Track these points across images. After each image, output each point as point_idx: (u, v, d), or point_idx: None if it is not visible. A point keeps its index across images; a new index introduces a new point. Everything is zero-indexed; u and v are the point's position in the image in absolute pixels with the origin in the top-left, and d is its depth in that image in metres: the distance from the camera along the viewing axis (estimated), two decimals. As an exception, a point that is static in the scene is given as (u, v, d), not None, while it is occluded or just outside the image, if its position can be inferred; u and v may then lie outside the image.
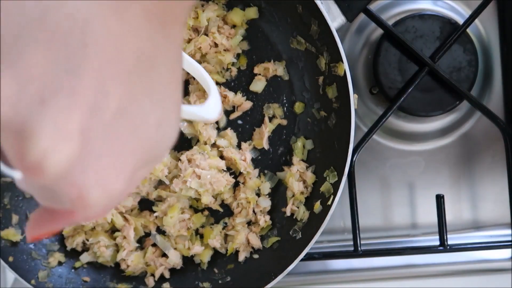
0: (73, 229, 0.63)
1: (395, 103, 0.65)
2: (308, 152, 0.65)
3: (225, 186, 0.63)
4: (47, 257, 0.63)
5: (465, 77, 0.68)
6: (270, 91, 0.66)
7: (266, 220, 0.64)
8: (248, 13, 0.64)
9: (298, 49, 0.64)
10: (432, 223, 0.66)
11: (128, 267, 0.64)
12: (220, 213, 0.65)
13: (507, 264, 0.71)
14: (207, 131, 0.63)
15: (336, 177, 0.60)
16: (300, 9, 0.60)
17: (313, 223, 0.60)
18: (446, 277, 0.71)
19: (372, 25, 0.70)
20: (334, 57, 0.59)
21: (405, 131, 0.72)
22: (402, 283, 0.71)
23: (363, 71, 0.71)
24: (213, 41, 0.64)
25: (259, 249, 0.64)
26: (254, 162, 0.65)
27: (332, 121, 0.62)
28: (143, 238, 0.65)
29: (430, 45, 0.67)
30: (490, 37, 0.71)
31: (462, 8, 0.71)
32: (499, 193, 0.71)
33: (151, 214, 0.64)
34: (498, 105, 0.71)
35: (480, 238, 0.71)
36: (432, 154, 0.72)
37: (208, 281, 0.63)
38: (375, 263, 0.71)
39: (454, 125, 0.72)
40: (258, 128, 0.66)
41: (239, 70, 0.66)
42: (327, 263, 0.71)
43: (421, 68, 0.66)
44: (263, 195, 0.65)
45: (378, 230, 0.72)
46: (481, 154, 0.72)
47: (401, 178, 0.72)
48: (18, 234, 0.63)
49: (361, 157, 0.69)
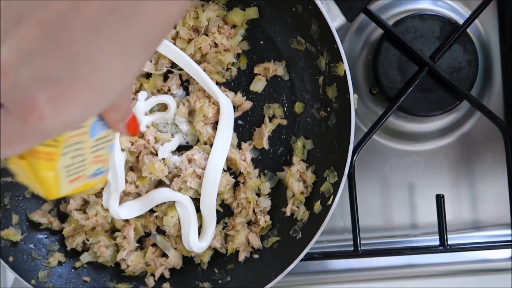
0: (73, 229, 0.63)
1: (395, 103, 0.65)
2: (308, 152, 0.65)
3: (225, 186, 0.63)
4: (47, 257, 0.63)
5: (465, 77, 0.68)
6: (270, 91, 0.66)
7: (266, 220, 0.64)
8: (248, 13, 0.64)
9: (298, 49, 0.64)
10: (432, 223, 0.66)
11: (128, 267, 0.64)
12: (220, 213, 0.65)
13: (507, 264, 0.71)
14: (207, 131, 0.63)
15: (336, 177, 0.60)
16: (300, 9, 0.60)
17: (313, 223, 0.60)
18: (446, 277, 0.71)
19: (372, 25, 0.70)
20: (334, 57, 0.59)
21: (405, 131, 0.72)
22: (402, 283, 0.71)
23: (363, 71, 0.71)
24: (213, 41, 0.64)
25: (259, 249, 0.64)
26: (254, 162, 0.65)
27: (332, 121, 0.62)
28: (143, 238, 0.65)
29: (430, 45, 0.67)
30: (490, 37, 0.71)
31: (462, 8, 0.71)
32: (499, 193, 0.71)
33: (151, 214, 0.64)
34: (498, 105, 0.71)
35: (480, 238, 0.71)
36: (432, 154, 0.72)
37: (208, 281, 0.63)
38: (375, 263, 0.71)
39: (454, 125, 0.72)
40: (258, 128, 0.66)
41: (239, 70, 0.66)
42: (327, 263, 0.71)
43: (421, 68, 0.66)
44: (263, 195, 0.65)
45: (378, 230, 0.72)
46: (481, 154, 0.72)
47: (401, 178, 0.72)
48: (18, 234, 0.63)
49: (361, 157, 0.69)
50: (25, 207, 0.64)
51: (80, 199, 0.63)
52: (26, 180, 0.37)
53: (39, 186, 0.37)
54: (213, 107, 0.63)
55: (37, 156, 0.35)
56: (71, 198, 0.63)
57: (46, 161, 0.35)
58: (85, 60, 0.29)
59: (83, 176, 0.40)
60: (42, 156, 0.35)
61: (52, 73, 0.28)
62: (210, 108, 0.63)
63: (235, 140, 0.65)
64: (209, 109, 0.63)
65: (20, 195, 0.64)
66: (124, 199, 0.62)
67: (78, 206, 0.63)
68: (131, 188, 0.62)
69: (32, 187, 0.37)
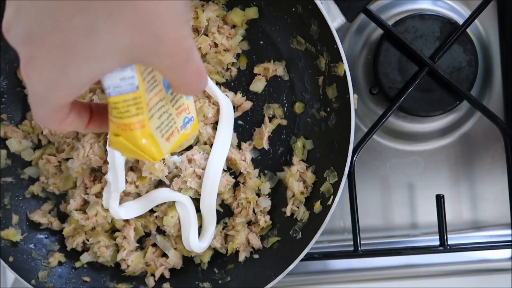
0: (73, 229, 0.63)
1: (395, 103, 0.65)
2: (308, 152, 0.65)
3: (225, 186, 0.63)
4: (47, 257, 0.63)
5: (465, 77, 0.68)
6: (270, 91, 0.66)
7: (266, 220, 0.64)
8: (248, 13, 0.64)
9: (298, 49, 0.64)
10: (432, 223, 0.66)
11: (128, 267, 0.64)
12: (220, 213, 0.65)
13: (507, 264, 0.71)
14: (207, 131, 0.63)
15: (336, 177, 0.60)
16: (300, 9, 0.60)
17: (313, 223, 0.60)
18: (446, 277, 0.71)
19: (372, 25, 0.70)
20: (334, 57, 0.59)
21: (405, 131, 0.72)
22: (402, 283, 0.71)
23: (363, 71, 0.71)
24: (213, 41, 0.64)
25: (259, 249, 0.64)
26: (254, 162, 0.65)
27: (332, 121, 0.62)
28: (143, 238, 0.65)
29: (430, 45, 0.67)
30: (490, 37, 0.71)
31: (462, 8, 0.71)
32: (499, 193, 0.71)
33: (151, 214, 0.64)
34: (498, 105, 0.71)
35: (480, 238, 0.71)
36: (432, 154, 0.72)
37: (208, 281, 0.63)
38: (375, 263, 0.71)
39: (454, 125, 0.72)
40: (258, 128, 0.66)
41: (239, 70, 0.66)
42: (327, 263, 0.71)
43: (421, 68, 0.66)
44: (263, 195, 0.65)
45: (378, 230, 0.72)
46: (481, 154, 0.72)
47: (401, 178, 0.72)
48: (18, 234, 0.63)
49: (361, 157, 0.69)
50: (25, 207, 0.64)
51: (80, 199, 0.63)
52: (130, 153, 0.39)
53: (142, 154, 0.38)
54: (213, 107, 0.63)
55: (130, 128, 0.37)
56: (71, 198, 0.63)
57: (139, 129, 0.37)
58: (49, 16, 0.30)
59: (176, 130, 0.42)
60: (134, 126, 0.37)
61: (37, 32, 0.31)
62: (210, 108, 0.63)
63: (235, 140, 0.65)
64: (209, 109, 0.63)
65: (20, 195, 0.64)
66: (124, 199, 0.62)
67: (78, 206, 0.63)
68: (131, 188, 0.62)
69: (138, 157, 0.39)
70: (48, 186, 0.64)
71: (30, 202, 0.65)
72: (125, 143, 0.37)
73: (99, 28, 0.30)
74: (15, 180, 0.64)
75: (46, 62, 0.31)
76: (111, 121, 0.37)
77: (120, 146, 0.38)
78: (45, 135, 0.64)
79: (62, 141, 0.64)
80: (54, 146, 0.64)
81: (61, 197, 0.65)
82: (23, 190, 0.65)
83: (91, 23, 0.30)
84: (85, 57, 0.31)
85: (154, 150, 0.39)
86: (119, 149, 0.39)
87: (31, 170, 0.65)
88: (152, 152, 0.39)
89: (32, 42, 0.31)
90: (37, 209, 0.65)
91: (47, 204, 0.65)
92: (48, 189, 0.64)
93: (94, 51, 0.31)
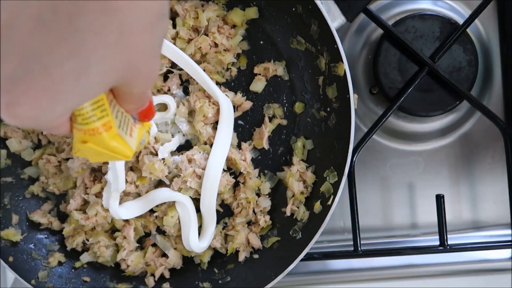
0: (73, 229, 0.63)
1: (395, 103, 0.65)
2: (308, 152, 0.65)
3: (225, 186, 0.63)
4: (47, 257, 0.63)
5: (465, 77, 0.68)
6: (270, 91, 0.66)
7: (266, 220, 0.64)
8: (248, 13, 0.64)
9: (298, 49, 0.64)
10: (432, 223, 0.66)
11: (128, 267, 0.64)
12: (220, 213, 0.65)
13: (507, 264, 0.71)
14: (207, 131, 0.63)
15: (336, 177, 0.60)
16: (300, 9, 0.60)
17: (313, 223, 0.60)
18: (446, 277, 0.71)
19: (372, 25, 0.70)
20: (334, 57, 0.59)
21: (405, 131, 0.72)
22: (402, 283, 0.71)
23: (363, 71, 0.71)
24: (213, 41, 0.64)
25: (259, 249, 0.64)
26: (254, 162, 0.65)
27: (332, 121, 0.62)
28: (143, 238, 0.65)
29: (430, 45, 0.67)
30: (490, 37, 0.71)
31: (462, 8, 0.71)
32: (499, 193, 0.71)
33: (151, 214, 0.64)
34: (498, 105, 0.71)
35: (480, 238, 0.71)
36: (432, 154, 0.72)
37: (208, 281, 0.63)
38: (375, 263, 0.71)
39: (454, 125, 0.72)
40: (258, 128, 0.66)
41: (239, 70, 0.66)
42: (327, 263, 0.71)
43: (421, 68, 0.66)
44: (263, 195, 0.65)
45: (378, 230, 0.72)
46: (481, 154, 0.72)
47: (401, 178, 0.72)
48: (18, 234, 0.63)
49: (361, 157, 0.69)
50: (25, 207, 0.64)
51: (80, 199, 0.63)
52: (100, 158, 0.39)
53: (114, 155, 0.38)
54: (213, 107, 0.63)
55: (98, 132, 0.37)
56: (71, 198, 0.63)
57: (107, 131, 0.37)
58: (37, 61, 0.29)
59: (132, 125, 0.42)
60: (101, 129, 0.37)
61: (22, 77, 0.29)
62: (210, 108, 0.63)
63: (235, 140, 0.65)
64: (209, 109, 0.63)
65: (20, 195, 0.64)
66: (124, 199, 0.62)
67: (78, 206, 0.63)
68: (131, 188, 0.62)
69: (110, 159, 0.39)
70: (48, 186, 0.64)
71: (30, 202, 0.65)
72: (95, 147, 0.37)
73: (90, 71, 0.30)
74: (15, 180, 0.64)
75: (31, 107, 0.30)
76: (76, 129, 0.37)
77: (89, 152, 0.38)
78: (45, 135, 0.64)
79: (62, 141, 0.64)
80: (54, 146, 0.64)
81: (61, 197, 0.65)
82: (23, 190, 0.65)
83: (83, 67, 0.30)
84: (73, 95, 0.31)
85: (125, 148, 0.39)
86: (87, 155, 0.38)
87: (31, 170, 0.65)
88: (124, 150, 0.39)
89: (16, 88, 0.29)
90: (37, 209, 0.65)
91: (47, 204, 0.65)
92: (48, 189, 0.64)
93: (83, 90, 0.31)
